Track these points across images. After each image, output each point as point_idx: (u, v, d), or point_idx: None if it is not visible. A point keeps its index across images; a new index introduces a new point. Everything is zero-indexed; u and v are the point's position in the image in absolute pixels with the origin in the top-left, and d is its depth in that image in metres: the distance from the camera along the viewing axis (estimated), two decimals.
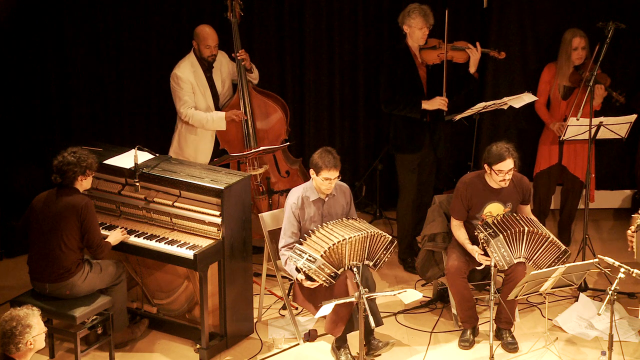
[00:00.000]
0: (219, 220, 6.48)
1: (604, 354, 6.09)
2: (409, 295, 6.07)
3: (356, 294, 5.89)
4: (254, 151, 7.44)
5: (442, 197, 7.11)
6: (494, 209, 6.72)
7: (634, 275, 5.80)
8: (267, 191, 7.65)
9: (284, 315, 7.11)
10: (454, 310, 6.90)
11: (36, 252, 6.31)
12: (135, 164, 6.59)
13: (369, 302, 5.96)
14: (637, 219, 6.39)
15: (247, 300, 6.81)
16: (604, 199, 8.58)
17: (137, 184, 6.61)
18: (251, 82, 7.68)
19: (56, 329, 6.54)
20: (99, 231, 6.38)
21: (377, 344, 6.58)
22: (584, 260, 7.19)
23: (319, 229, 6.43)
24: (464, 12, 8.24)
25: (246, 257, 6.71)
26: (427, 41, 7.45)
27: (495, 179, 6.62)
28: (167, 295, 6.87)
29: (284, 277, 6.85)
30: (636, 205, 7.96)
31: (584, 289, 7.27)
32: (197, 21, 7.71)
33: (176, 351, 6.72)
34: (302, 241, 6.41)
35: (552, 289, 6.33)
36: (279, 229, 6.72)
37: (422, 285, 7.47)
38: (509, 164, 6.55)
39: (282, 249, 6.59)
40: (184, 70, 7.51)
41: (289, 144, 7.72)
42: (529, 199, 6.86)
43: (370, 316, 5.87)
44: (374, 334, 6.59)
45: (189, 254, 6.39)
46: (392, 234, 8.15)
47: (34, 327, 5.01)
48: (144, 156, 6.81)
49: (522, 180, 6.80)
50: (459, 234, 6.75)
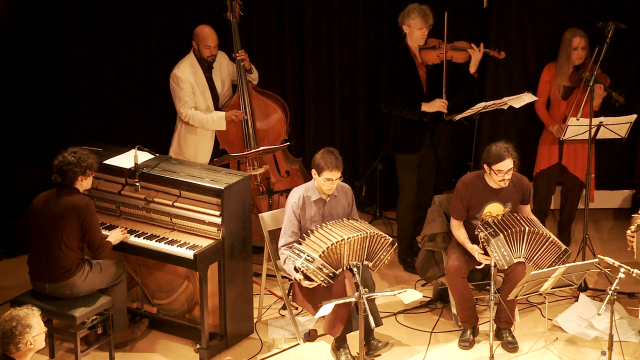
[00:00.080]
0: (219, 220, 6.48)
1: (604, 354, 6.09)
2: (409, 295, 6.07)
3: (356, 294, 5.89)
4: (254, 151, 7.44)
5: (442, 197, 7.11)
6: (494, 209, 6.72)
7: (634, 275, 5.80)
8: (267, 191, 7.65)
9: (284, 315, 7.11)
10: (454, 310, 6.90)
11: (36, 252, 6.31)
12: (135, 164, 6.59)
13: (368, 302, 5.96)
14: (637, 219, 6.39)
15: (247, 300, 6.81)
16: (603, 199, 8.58)
17: (137, 184, 6.61)
18: (251, 82, 7.68)
19: (56, 329, 6.54)
20: (100, 231, 6.38)
21: (376, 344, 6.58)
22: (584, 260, 7.19)
23: (318, 229, 6.43)
24: (464, 12, 8.24)
25: (246, 257, 6.71)
26: (427, 41, 7.45)
27: (494, 179, 6.62)
28: (167, 295, 6.87)
29: (284, 277, 6.85)
30: (636, 205, 7.95)
31: (584, 289, 7.26)
32: (197, 21, 7.71)
33: (176, 351, 6.72)
34: (301, 241, 6.41)
35: (552, 289, 6.33)
36: (279, 229, 6.72)
37: (422, 285, 7.47)
38: (508, 164, 6.55)
39: (282, 248, 6.59)
40: (183, 70, 7.51)
41: (288, 144, 7.72)
42: (528, 199, 6.86)
43: (370, 316, 5.87)
44: (373, 334, 6.59)
45: (189, 254, 6.39)
46: (392, 234, 8.16)
47: (34, 327, 5.01)
48: (144, 156, 6.81)
49: (521, 180, 6.79)
50: (458, 233, 6.75)
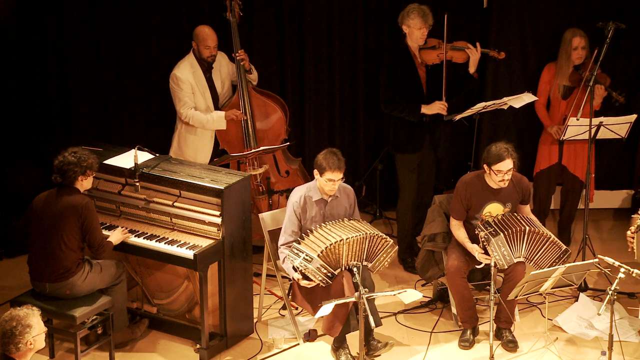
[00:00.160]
0: (219, 220, 6.48)
1: (604, 354, 6.09)
2: (409, 295, 6.07)
3: (356, 294, 5.88)
4: (253, 151, 7.44)
5: (442, 197, 7.11)
6: (494, 209, 6.72)
7: (634, 275, 5.80)
8: (267, 191, 7.65)
9: (284, 315, 7.11)
10: (454, 310, 6.90)
11: (36, 252, 6.31)
12: (135, 164, 6.58)
13: (368, 302, 5.95)
14: (637, 220, 6.39)
15: (247, 300, 6.81)
16: (603, 199, 8.58)
17: (137, 184, 6.61)
18: (250, 82, 7.68)
19: (56, 329, 6.54)
20: (100, 231, 6.38)
21: (376, 345, 6.58)
22: (584, 260, 7.19)
23: (317, 229, 6.43)
24: (464, 12, 8.23)
25: (246, 257, 6.71)
26: (427, 41, 7.45)
27: (494, 179, 6.62)
28: (167, 295, 6.87)
29: (284, 277, 6.85)
30: (636, 205, 7.95)
31: (584, 289, 7.26)
32: (197, 21, 7.71)
33: (176, 351, 6.72)
34: (300, 240, 6.41)
35: (552, 289, 6.33)
36: (279, 229, 6.71)
37: (422, 285, 7.47)
38: (508, 164, 6.55)
39: (281, 247, 6.59)
40: (183, 70, 7.51)
41: (288, 144, 7.71)
42: (528, 199, 6.86)
43: (370, 316, 5.87)
44: (373, 335, 6.59)
45: (189, 254, 6.39)
46: (392, 234, 8.17)
47: (34, 327, 5.01)
48: (144, 156, 6.81)
49: (521, 180, 6.79)
50: (458, 233, 6.75)
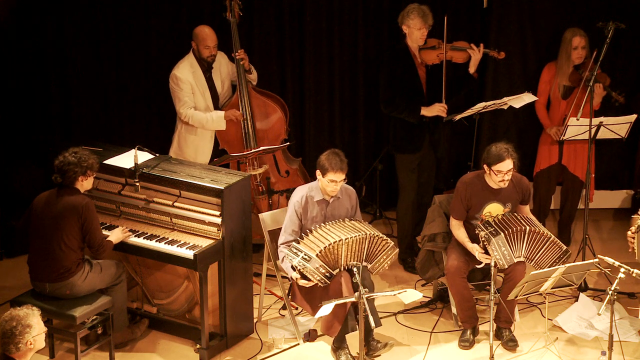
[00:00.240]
0: (219, 220, 6.48)
1: (604, 354, 6.09)
2: (409, 295, 6.07)
3: (356, 294, 5.88)
4: (253, 151, 7.44)
5: (442, 197, 7.11)
6: (494, 209, 6.72)
7: (634, 275, 5.80)
8: (267, 191, 7.65)
9: (284, 315, 7.11)
10: (454, 310, 6.90)
11: (36, 252, 6.31)
12: (135, 164, 6.58)
13: (367, 302, 5.95)
14: (637, 220, 6.39)
15: (247, 300, 6.81)
16: (603, 199, 8.58)
17: (137, 184, 6.61)
18: (250, 82, 7.68)
19: (56, 329, 6.54)
20: (100, 231, 6.38)
21: (376, 345, 6.58)
22: (584, 260, 7.19)
23: (317, 229, 6.43)
24: (464, 12, 8.23)
25: (246, 257, 6.71)
26: (427, 41, 7.45)
27: (494, 180, 6.62)
28: (167, 295, 6.87)
29: (284, 277, 6.85)
30: (636, 205, 7.95)
31: (584, 289, 7.26)
32: (197, 21, 7.71)
33: (176, 351, 6.72)
34: (299, 240, 6.41)
35: (552, 289, 6.33)
36: (279, 229, 6.71)
37: (422, 285, 7.47)
38: (508, 165, 6.55)
39: (281, 245, 6.59)
40: (183, 70, 7.51)
41: (288, 144, 7.71)
42: (528, 199, 6.86)
43: (370, 316, 5.87)
44: (373, 335, 6.59)
45: (189, 254, 6.38)
46: (392, 234, 8.17)
47: (34, 327, 5.01)
48: (144, 156, 6.81)
49: (521, 180, 6.79)
50: (458, 233, 6.75)
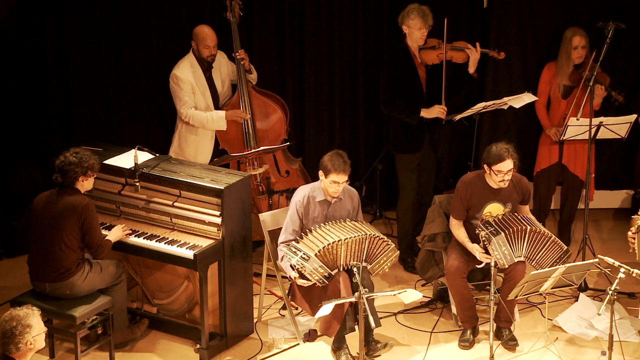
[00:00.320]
0: (219, 220, 6.47)
1: (604, 354, 6.09)
2: (409, 295, 6.07)
3: (356, 294, 5.88)
4: (254, 151, 7.44)
5: (442, 197, 7.11)
6: (494, 209, 6.72)
7: (634, 275, 5.80)
8: (267, 191, 7.65)
9: (284, 315, 7.11)
10: (454, 310, 6.90)
11: (36, 251, 6.31)
12: (135, 164, 6.58)
13: (367, 302, 5.95)
14: (637, 221, 6.39)
15: (247, 300, 6.80)
16: (603, 199, 8.58)
17: (137, 184, 6.61)
18: (250, 82, 7.68)
19: (56, 329, 6.54)
20: (100, 231, 6.38)
21: (376, 345, 6.57)
22: (584, 260, 7.19)
23: (316, 229, 6.43)
24: (464, 12, 8.23)
25: (246, 257, 6.71)
26: (427, 41, 7.45)
27: (494, 180, 6.62)
28: (167, 295, 6.87)
29: (284, 277, 6.85)
30: (636, 205, 7.94)
31: (584, 289, 7.26)
32: (197, 21, 7.70)
33: (176, 351, 6.72)
34: (299, 239, 6.41)
35: (552, 289, 6.33)
36: (279, 229, 6.71)
37: (422, 285, 7.47)
38: (508, 165, 6.55)
39: (281, 244, 6.59)
40: (183, 70, 7.50)
41: (288, 144, 7.71)
42: (528, 199, 6.86)
43: (370, 316, 5.87)
44: (373, 335, 6.58)
45: (189, 254, 6.38)
46: (392, 234, 8.17)
47: (34, 327, 5.01)
48: (144, 156, 6.81)
49: (521, 180, 6.80)
50: (458, 232, 6.75)
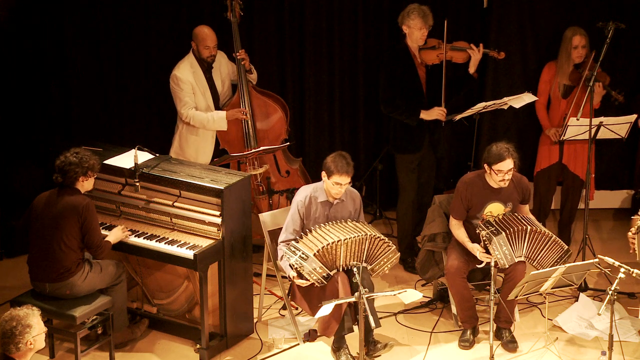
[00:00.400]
0: (219, 220, 6.47)
1: (604, 354, 6.09)
2: (409, 295, 6.06)
3: (356, 294, 5.88)
4: (254, 151, 7.44)
5: (442, 197, 7.11)
6: (495, 208, 6.72)
7: (634, 275, 5.80)
8: (267, 191, 7.65)
9: (284, 315, 7.11)
10: (454, 310, 6.90)
11: (36, 252, 6.31)
12: (135, 164, 6.58)
13: (367, 302, 5.95)
14: (637, 221, 6.39)
15: (247, 300, 6.80)
16: (604, 199, 8.58)
17: (137, 184, 6.61)
18: (250, 82, 7.68)
19: (56, 329, 6.54)
20: (99, 231, 6.37)
21: (376, 345, 6.57)
22: (584, 260, 7.19)
23: (316, 229, 6.42)
24: (464, 12, 8.23)
25: (246, 257, 6.71)
26: (427, 41, 7.45)
27: (495, 179, 6.62)
28: (167, 295, 6.87)
29: (284, 277, 6.85)
30: (636, 205, 7.95)
31: (584, 289, 7.26)
32: (197, 21, 7.71)
33: (176, 351, 6.72)
34: (298, 239, 6.40)
35: (552, 289, 6.33)
36: (279, 229, 6.71)
37: (422, 285, 7.47)
38: (508, 164, 6.55)
39: (281, 244, 6.58)
40: (183, 71, 7.50)
41: (289, 144, 7.71)
42: (528, 199, 6.86)
43: (370, 316, 5.87)
44: (373, 335, 6.58)
45: (189, 254, 6.38)
46: (392, 234, 8.17)
47: (34, 327, 5.01)
48: (144, 156, 6.81)
49: (521, 180, 6.80)
50: (458, 232, 6.75)
